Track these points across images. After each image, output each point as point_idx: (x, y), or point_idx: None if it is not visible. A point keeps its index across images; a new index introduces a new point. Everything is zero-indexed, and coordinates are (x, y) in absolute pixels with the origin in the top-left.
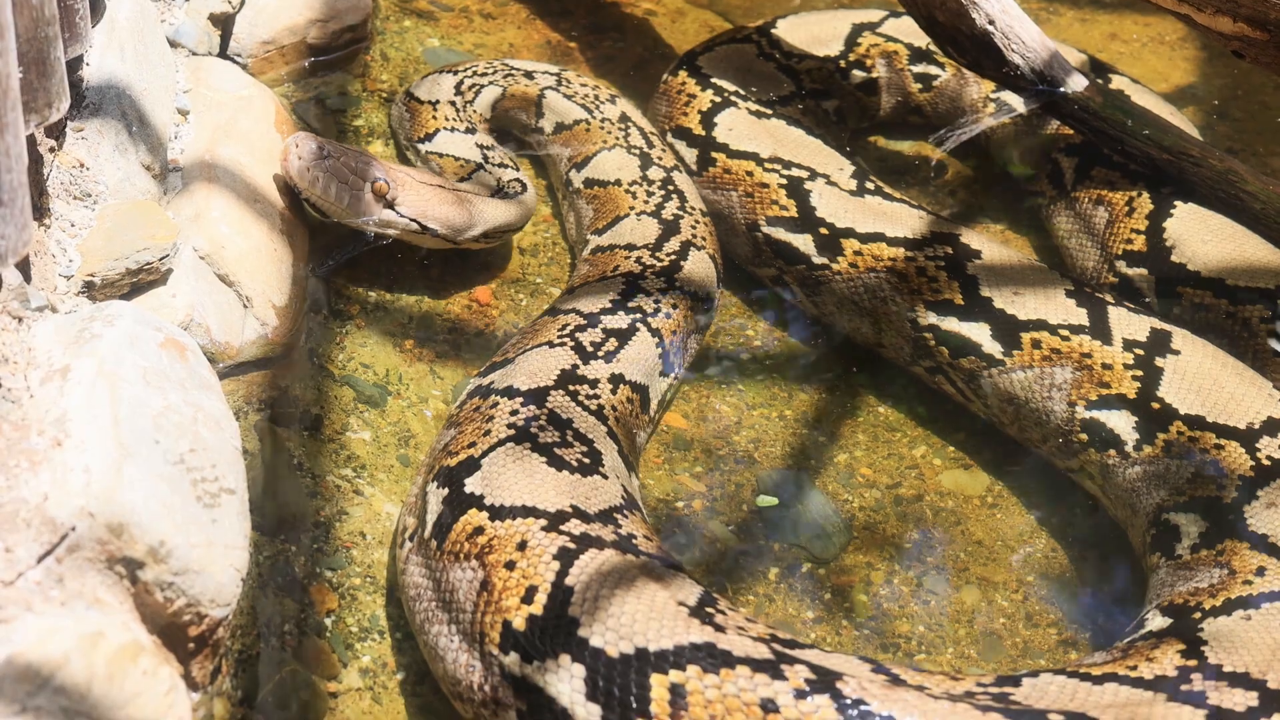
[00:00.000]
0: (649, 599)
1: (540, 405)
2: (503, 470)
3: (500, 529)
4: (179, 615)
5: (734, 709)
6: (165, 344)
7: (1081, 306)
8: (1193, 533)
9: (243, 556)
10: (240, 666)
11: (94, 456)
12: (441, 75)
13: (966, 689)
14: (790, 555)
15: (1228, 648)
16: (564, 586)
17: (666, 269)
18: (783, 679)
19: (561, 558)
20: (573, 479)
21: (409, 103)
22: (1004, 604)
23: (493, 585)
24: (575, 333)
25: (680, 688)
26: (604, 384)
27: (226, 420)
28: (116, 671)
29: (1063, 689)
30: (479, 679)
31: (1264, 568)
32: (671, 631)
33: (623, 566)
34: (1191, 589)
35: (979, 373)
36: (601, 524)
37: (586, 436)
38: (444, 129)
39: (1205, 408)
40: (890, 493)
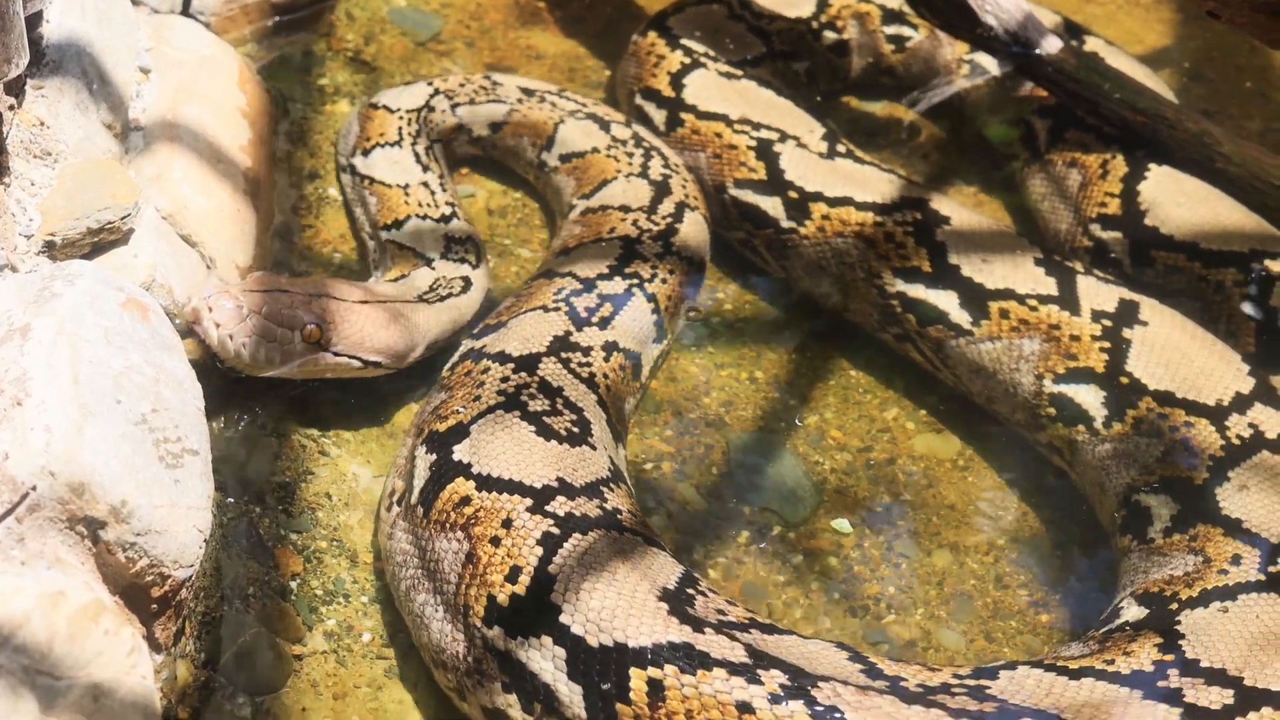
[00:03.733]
0: (630, 592)
1: (531, 372)
2: (491, 438)
3: (487, 501)
4: (141, 576)
5: (710, 707)
6: (127, 304)
7: (1050, 275)
8: (1164, 515)
9: (206, 517)
10: (204, 628)
11: (54, 416)
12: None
13: (943, 681)
14: (761, 518)
15: (1205, 642)
16: (546, 573)
17: (663, 233)
18: (759, 684)
19: (545, 543)
20: (561, 449)
21: (372, 186)
22: (975, 566)
23: (478, 559)
24: (570, 298)
25: (659, 683)
26: (596, 351)
27: (189, 381)
28: (78, 631)
29: (1039, 683)
30: (463, 650)
31: (1239, 555)
32: (650, 630)
33: (605, 554)
34: (1166, 577)
35: (946, 342)
36: (587, 498)
37: (576, 405)
38: (415, 215)
39: (1174, 383)
40: (861, 455)
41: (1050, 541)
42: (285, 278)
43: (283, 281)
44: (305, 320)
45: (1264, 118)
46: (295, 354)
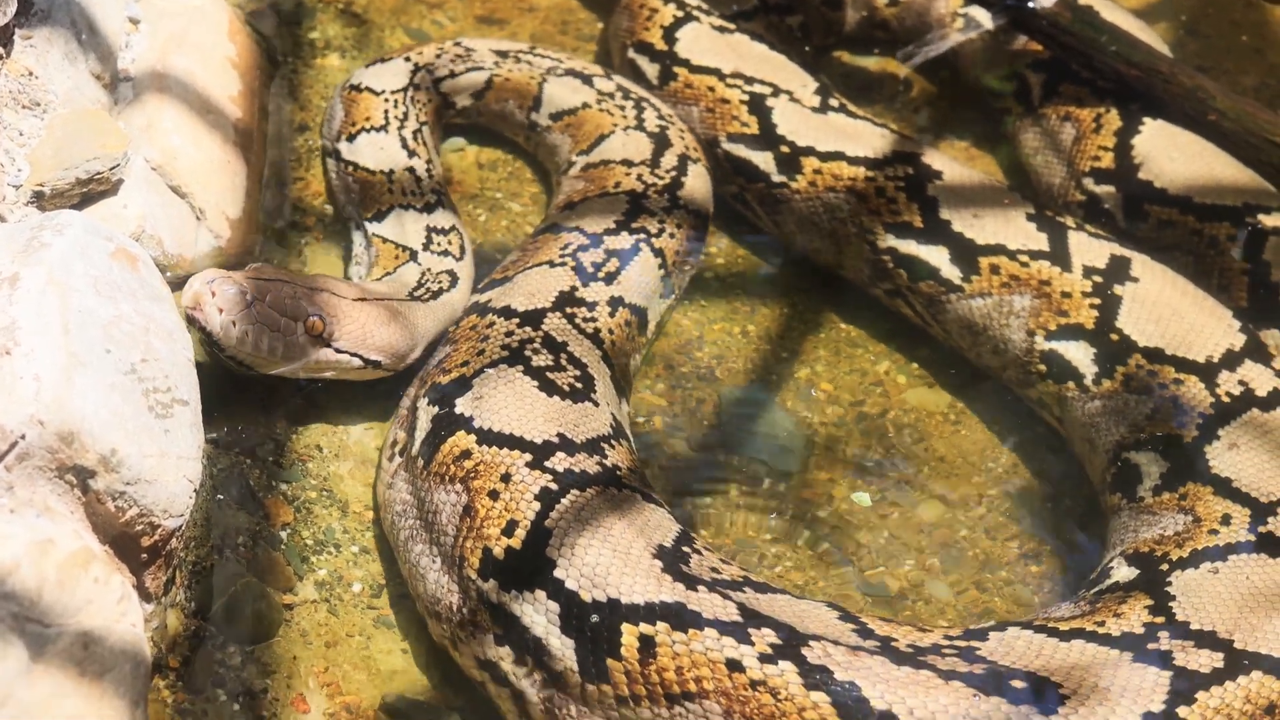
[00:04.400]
0: (625, 550)
1: (535, 328)
2: (494, 392)
3: (487, 455)
4: (131, 525)
5: (700, 664)
6: (116, 254)
7: (1042, 231)
8: (1153, 473)
9: (196, 467)
10: (194, 578)
11: (44, 365)
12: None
13: (934, 641)
14: (750, 471)
15: (1195, 604)
16: (543, 528)
17: (668, 187)
18: (749, 643)
19: (543, 498)
20: (563, 405)
21: (356, 173)
22: (964, 518)
23: (476, 512)
24: (577, 253)
25: (650, 639)
26: (602, 307)
27: (179, 331)
28: (67, 579)
29: (1029, 645)
30: (457, 601)
31: (1229, 515)
32: (644, 588)
33: (602, 510)
34: (1156, 536)
35: (937, 298)
36: (587, 454)
37: (580, 361)
38: (398, 206)
39: (1164, 339)
40: (853, 409)
41: (1041, 494)
42: (285, 271)
43: (283, 273)
44: (309, 311)
45: (1259, 73)
46: (297, 346)
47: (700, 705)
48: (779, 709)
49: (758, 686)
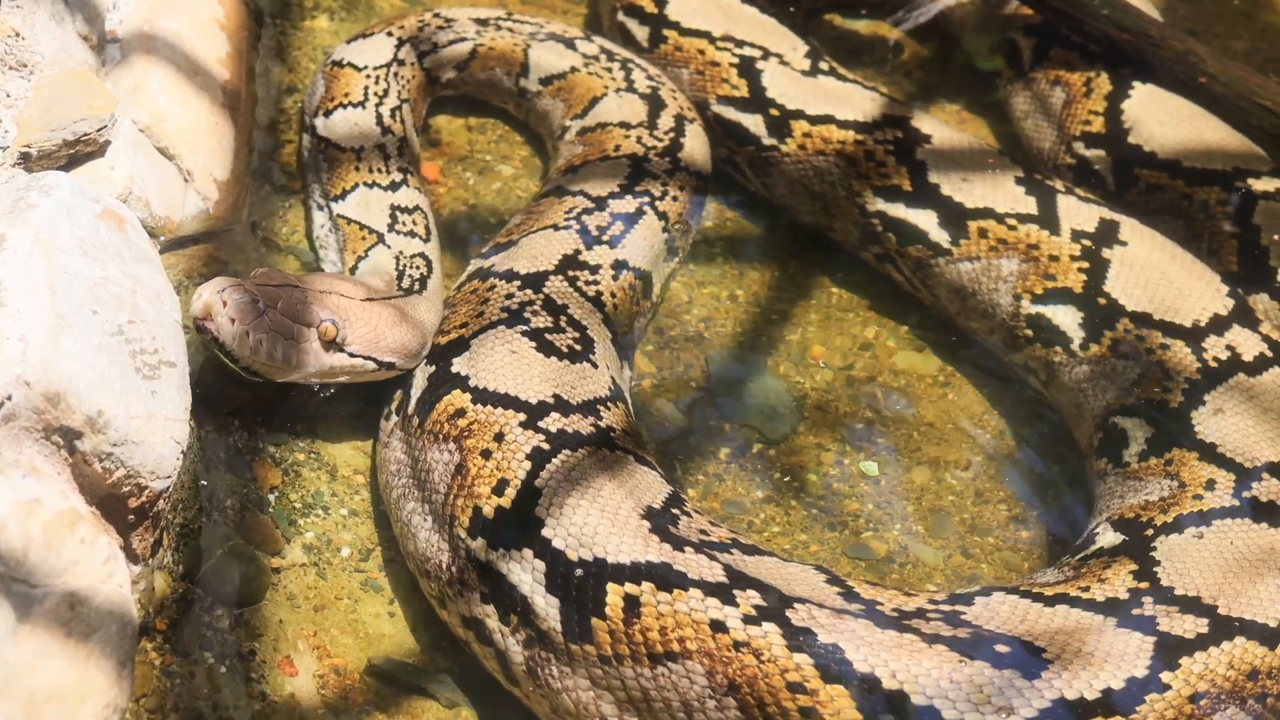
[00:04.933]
0: (613, 510)
1: (537, 290)
2: (490, 353)
3: (481, 415)
4: (118, 486)
5: (684, 624)
6: (103, 215)
7: (1031, 194)
8: (1140, 438)
9: (183, 429)
10: (182, 540)
11: (30, 325)
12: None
13: (919, 606)
14: (741, 435)
15: (1180, 569)
16: (533, 487)
17: (669, 149)
18: (734, 604)
19: (534, 458)
20: (560, 366)
21: (327, 150)
22: (953, 482)
23: (467, 470)
24: (581, 216)
25: (635, 599)
26: (605, 270)
27: (166, 293)
28: (54, 539)
29: (1014, 609)
30: (447, 559)
31: (1214, 480)
32: (631, 548)
33: (593, 471)
34: (1142, 502)
35: (926, 261)
36: (582, 415)
37: (580, 323)
38: (363, 184)
39: (1152, 304)
40: (842, 373)
41: (1030, 459)
42: (291, 274)
43: (291, 276)
44: (321, 317)
45: (1250, 37)
46: (311, 353)
47: (683, 666)
48: (761, 670)
49: (741, 648)
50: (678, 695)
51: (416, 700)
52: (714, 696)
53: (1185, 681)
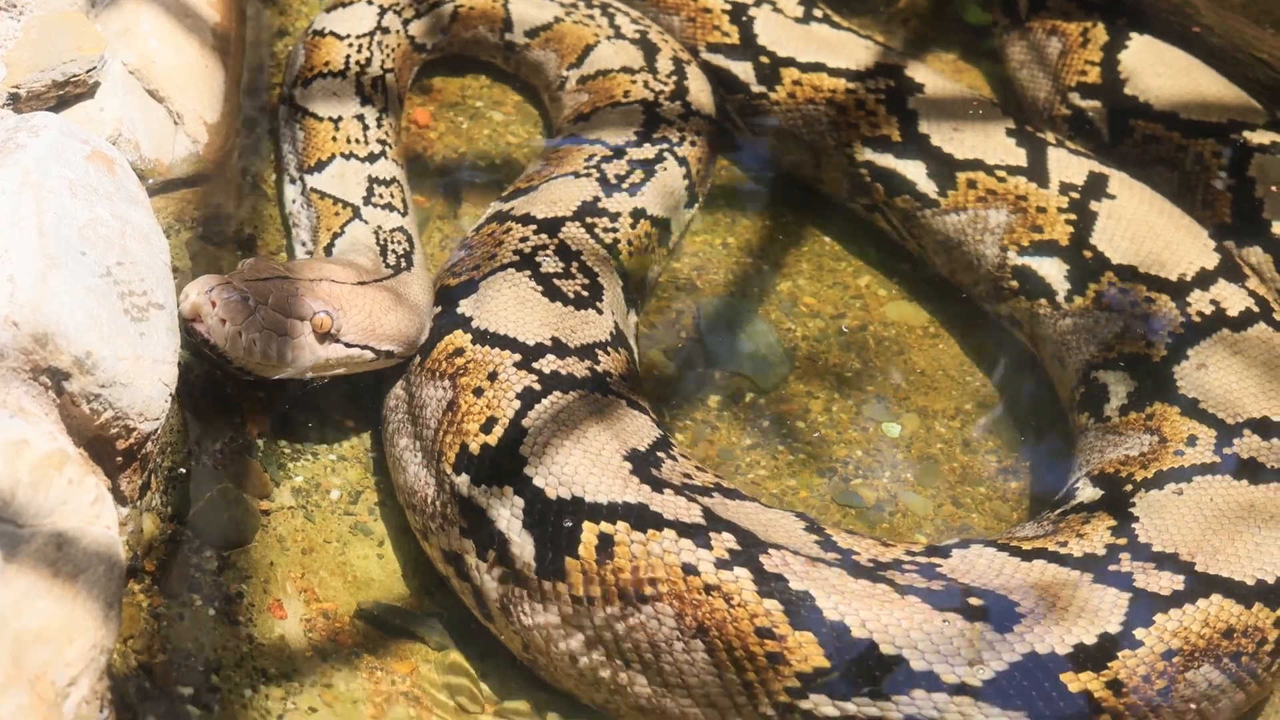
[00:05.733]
0: (596, 451)
1: (552, 235)
2: (496, 295)
3: (478, 354)
4: (106, 428)
5: (656, 566)
6: (92, 156)
7: (1021, 146)
8: (1121, 393)
9: (171, 371)
10: (170, 483)
11: (18, 266)
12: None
13: (895, 557)
14: (731, 384)
15: (1159, 525)
16: (520, 426)
17: (675, 93)
18: (707, 547)
19: (524, 397)
20: (564, 310)
21: (303, 120)
22: (942, 431)
23: (458, 407)
24: (601, 164)
25: (609, 538)
26: (624, 218)
27: (156, 235)
28: (41, 479)
29: (991, 563)
30: (432, 493)
31: (1195, 436)
32: (609, 488)
33: (581, 412)
34: (1122, 457)
35: (913, 213)
36: (579, 359)
37: (591, 270)
38: (340, 155)
39: (1138, 257)
40: (834, 322)
41: (1020, 410)
42: (278, 263)
43: (279, 266)
44: (315, 309)
45: None
46: (306, 348)
47: (653, 607)
48: (730, 615)
49: (711, 591)
50: (646, 636)
51: (405, 643)
52: (682, 639)
53: (1159, 639)
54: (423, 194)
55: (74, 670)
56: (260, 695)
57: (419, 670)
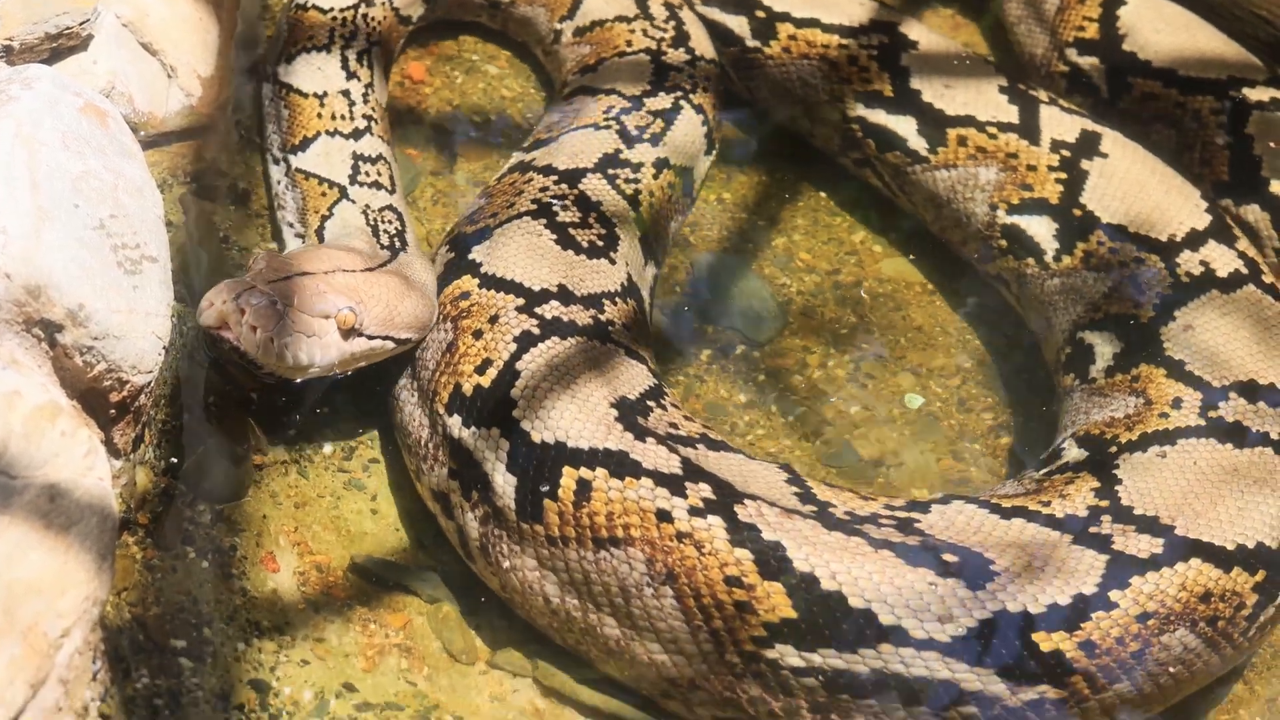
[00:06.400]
0: (584, 398)
1: (572, 186)
2: (509, 242)
3: (483, 298)
4: (99, 380)
5: (631, 512)
6: (85, 109)
7: (1013, 104)
8: (1107, 354)
9: (165, 325)
10: (164, 436)
11: (11, 218)
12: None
13: (873, 511)
14: (724, 338)
15: (1141, 489)
16: (513, 369)
17: (677, 39)
18: (682, 495)
19: (521, 340)
20: (574, 259)
21: (288, 97)
22: (939, 389)
23: (457, 349)
24: (621, 115)
25: (587, 483)
26: (647, 169)
27: (149, 188)
28: (33, 430)
29: (970, 520)
30: (426, 434)
31: (1180, 398)
32: (592, 434)
33: (576, 358)
34: (1107, 419)
35: (904, 169)
36: (583, 307)
37: (609, 220)
38: (324, 132)
39: (1128, 217)
40: (829, 278)
41: (1017, 366)
42: (290, 256)
43: (292, 262)
44: (338, 305)
45: None
46: (333, 346)
47: (625, 552)
48: (701, 562)
49: (683, 539)
50: (617, 581)
51: (399, 597)
52: (651, 584)
53: (1134, 601)
54: (416, 148)
55: (67, 622)
56: (253, 648)
57: (412, 623)
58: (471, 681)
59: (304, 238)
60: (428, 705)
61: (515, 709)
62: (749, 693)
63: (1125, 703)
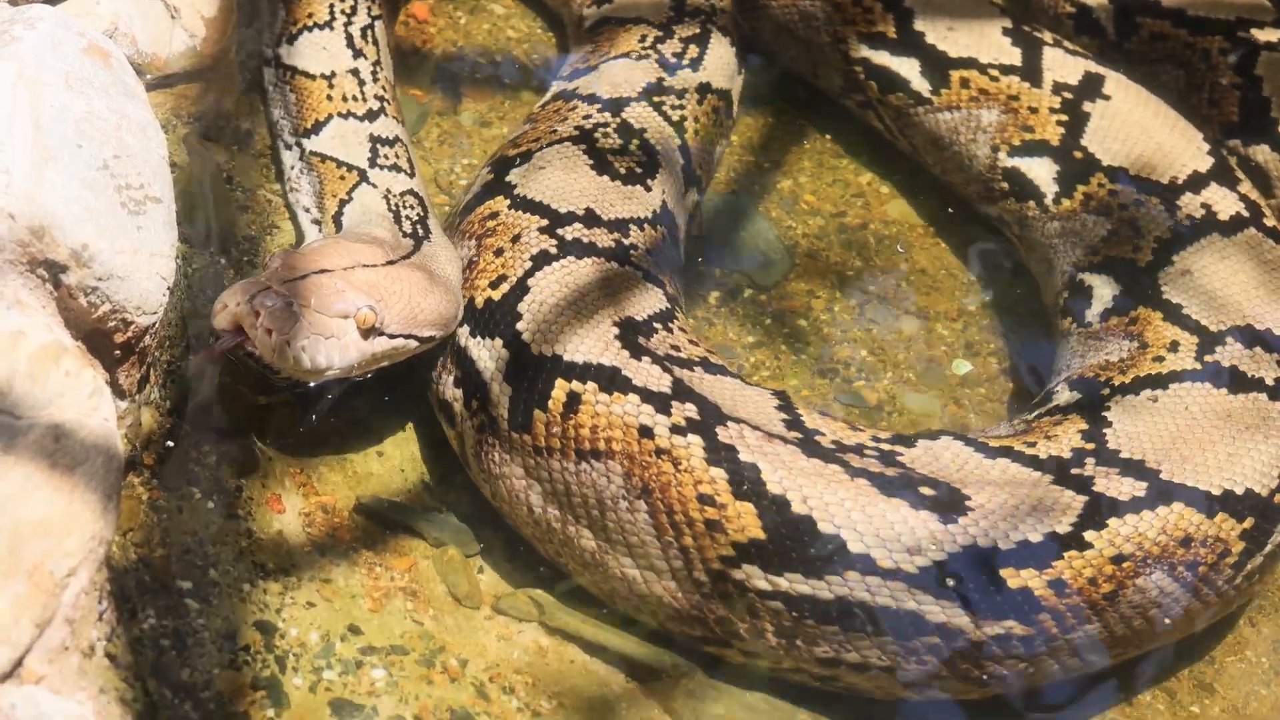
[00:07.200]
0: (589, 314)
1: (616, 114)
2: (546, 165)
3: (509, 218)
4: (104, 321)
5: (615, 426)
6: (88, 49)
7: (1016, 46)
8: (1105, 297)
9: (169, 265)
10: (169, 377)
11: (14, 159)
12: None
13: (859, 441)
14: (731, 281)
15: (1130, 432)
16: (524, 285)
17: None
18: (666, 413)
19: (537, 259)
20: (608, 185)
21: (294, 80)
22: (944, 332)
23: (476, 265)
24: (655, 45)
25: (577, 396)
26: (691, 94)
27: (153, 129)
28: (38, 371)
29: (954, 458)
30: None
31: (1176, 342)
32: (589, 350)
33: (589, 278)
34: (1102, 362)
35: (906, 110)
36: (608, 230)
37: (653, 148)
38: (337, 115)
39: (1129, 159)
40: (835, 220)
41: (1022, 310)
42: (308, 252)
43: (310, 259)
44: (358, 304)
45: None
46: (353, 348)
47: (604, 465)
48: (676, 479)
49: (661, 455)
50: (595, 493)
51: (404, 539)
52: (627, 498)
53: (1110, 542)
54: (421, 89)
55: (72, 561)
56: (259, 589)
57: (417, 566)
58: (477, 623)
59: (320, 224)
60: (434, 647)
61: (520, 647)
62: (716, 612)
63: (1098, 644)
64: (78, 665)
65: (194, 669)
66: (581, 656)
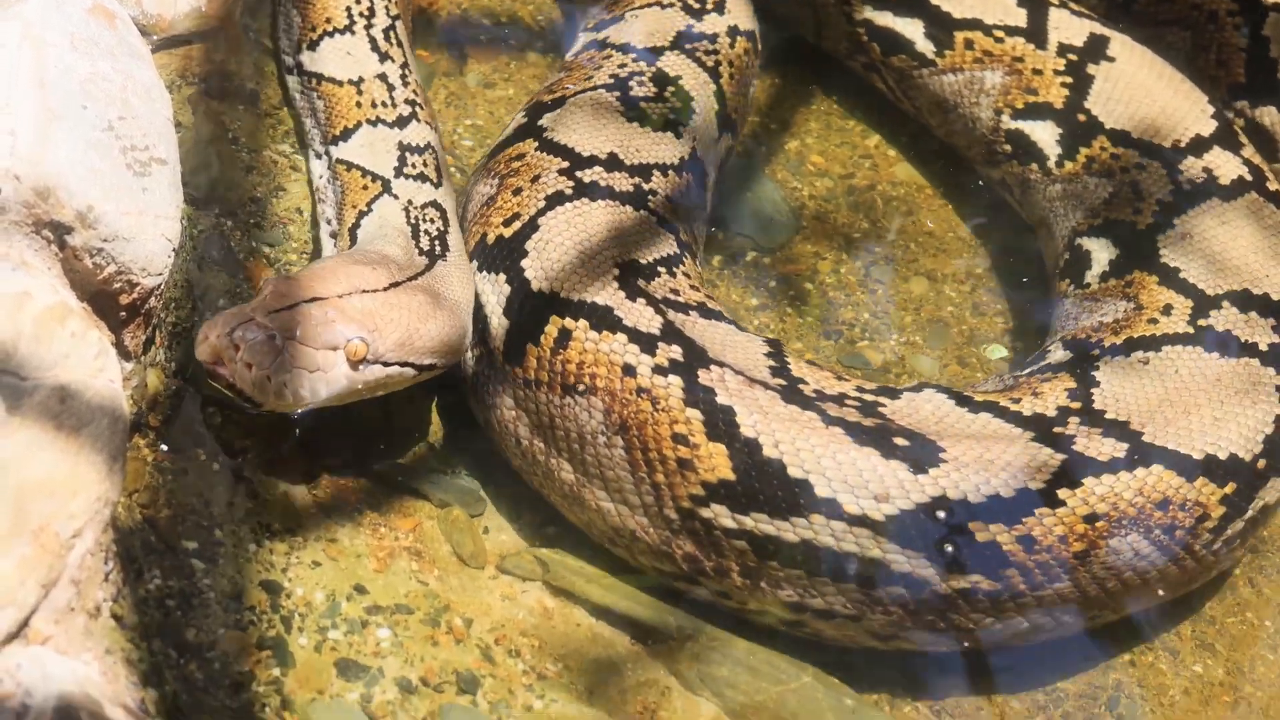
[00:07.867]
0: (592, 253)
1: (650, 63)
2: (578, 111)
3: (533, 159)
4: (109, 283)
5: (601, 363)
6: (93, 10)
7: (1021, 7)
8: (1103, 259)
9: (174, 227)
10: (174, 339)
11: (19, 119)
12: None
13: (842, 391)
14: (736, 244)
15: (1117, 393)
16: (535, 223)
17: None
18: (651, 354)
19: (550, 200)
20: (636, 131)
21: (320, 86)
22: (951, 294)
23: (494, 201)
24: None
25: (568, 333)
26: (723, 38)
27: (158, 90)
28: (44, 332)
29: (935, 410)
30: None
31: (1171, 305)
32: (586, 289)
33: (598, 220)
34: (1095, 323)
35: (909, 73)
36: (629, 175)
37: (687, 95)
38: (366, 121)
39: (1132, 123)
40: (842, 182)
41: (1029, 272)
42: (303, 277)
43: (303, 285)
44: (347, 335)
45: None
46: (342, 379)
47: (587, 400)
48: (653, 418)
49: (642, 393)
50: (576, 426)
51: (409, 500)
52: (605, 433)
53: (1084, 501)
54: (428, 50)
55: (78, 522)
56: (264, 549)
57: (422, 526)
58: (482, 583)
59: (337, 236)
60: (438, 606)
61: (525, 608)
62: (684, 549)
63: (1068, 602)
64: (84, 626)
65: (200, 629)
66: (587, 619)
